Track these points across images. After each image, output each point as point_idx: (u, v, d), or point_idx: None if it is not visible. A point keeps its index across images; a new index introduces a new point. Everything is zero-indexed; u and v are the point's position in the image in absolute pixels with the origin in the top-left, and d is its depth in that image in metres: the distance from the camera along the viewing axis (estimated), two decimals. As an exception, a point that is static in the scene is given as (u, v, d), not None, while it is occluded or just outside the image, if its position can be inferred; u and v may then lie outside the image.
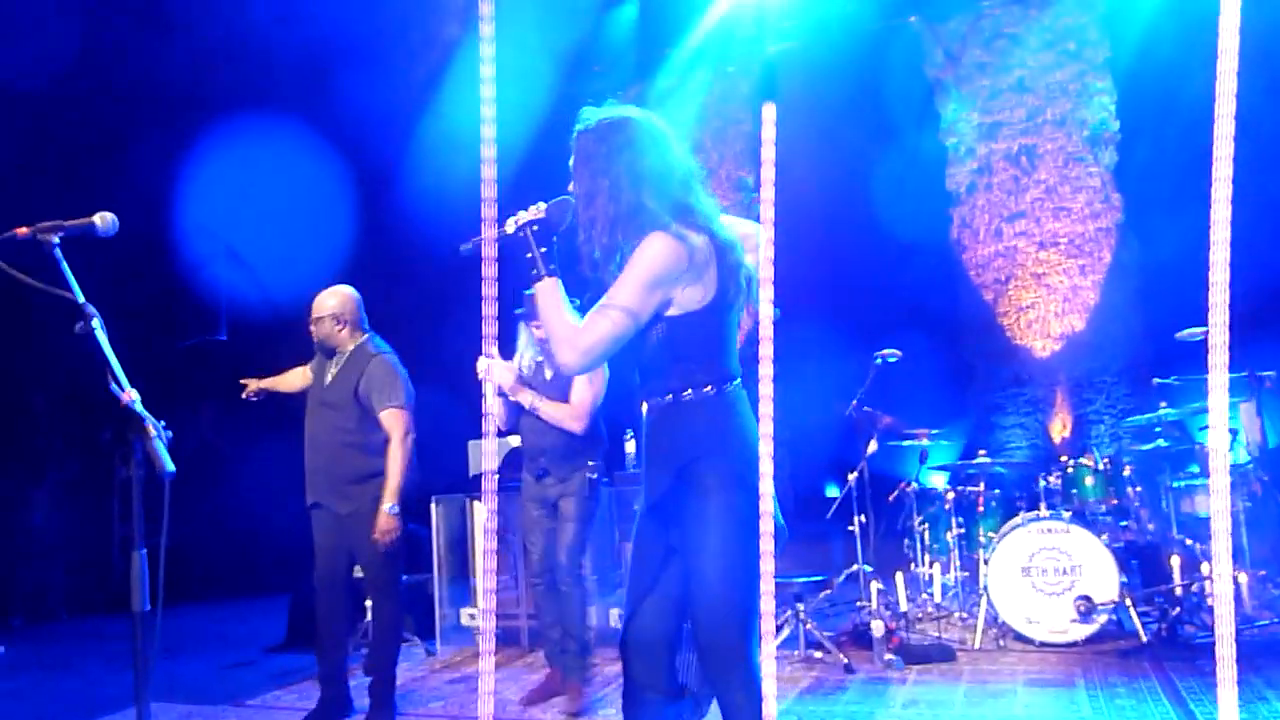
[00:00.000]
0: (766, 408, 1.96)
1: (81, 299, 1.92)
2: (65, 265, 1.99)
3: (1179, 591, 4.49)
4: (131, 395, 1.76)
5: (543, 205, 2.06)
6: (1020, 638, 4.57)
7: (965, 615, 5.08)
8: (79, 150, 6.93)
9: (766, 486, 1.91)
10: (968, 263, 7.79)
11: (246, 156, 6.67)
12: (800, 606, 4.62)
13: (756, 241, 2.29)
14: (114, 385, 1.77)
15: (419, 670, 4.90)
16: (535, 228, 2.05)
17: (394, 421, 3.78)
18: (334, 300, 3.89)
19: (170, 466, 1.74)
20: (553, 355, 2.13)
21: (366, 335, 3.94)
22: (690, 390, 2.09)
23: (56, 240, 2.01)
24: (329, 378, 3.90)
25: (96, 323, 1.92)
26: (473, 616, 5.43)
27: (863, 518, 5.03)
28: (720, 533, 2.00)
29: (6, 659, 5.75)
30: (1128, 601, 4.45)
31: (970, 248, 7.78)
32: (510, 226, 2.06)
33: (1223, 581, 1.79)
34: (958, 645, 4.61)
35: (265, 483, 7.57)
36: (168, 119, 6.90)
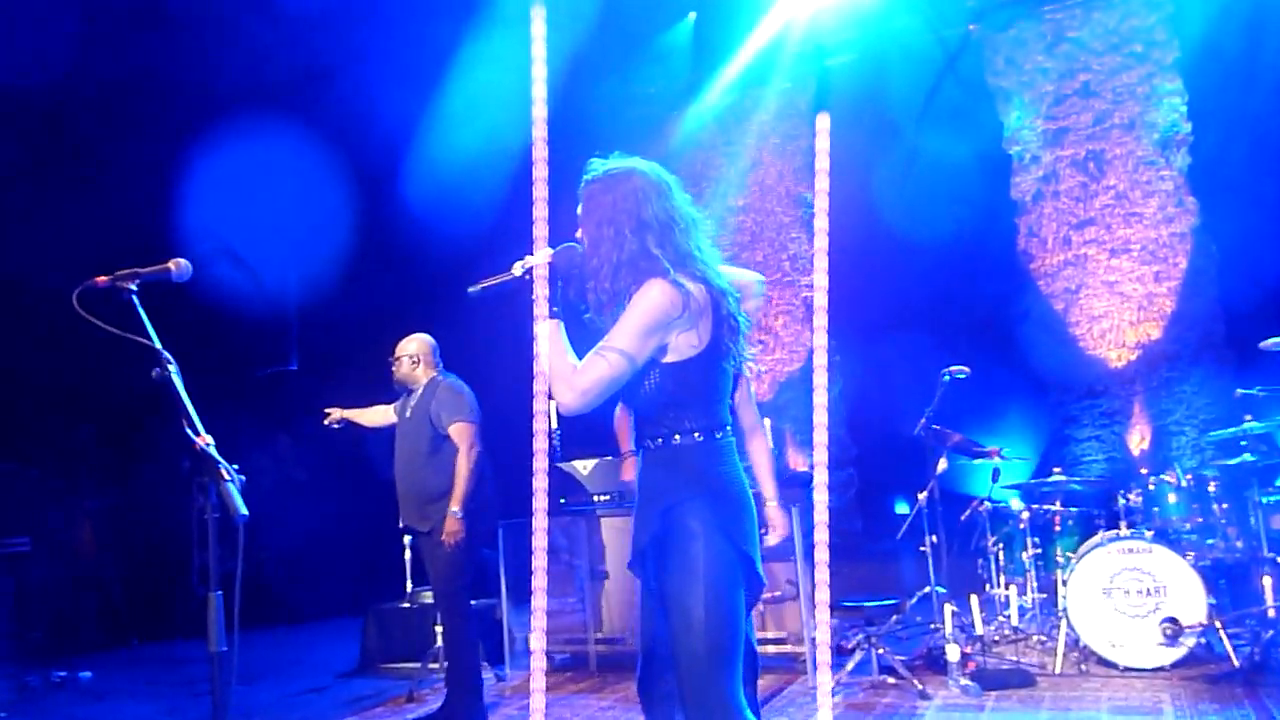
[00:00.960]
0: (821, 436, 1.97)
1: (158, 345, 1.98)
2: (142, 311, 2.05)
3: (1272, 613, 4.30)
4: (206, 440, 1.80)
5: (549, 250, 2.12)
6: (1103, 662, 4.42)
7: (1044, 639, 4.92)
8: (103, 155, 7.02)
9: (821, 513, 1.95)
10: (1036, 273, 7.61)
11: (266, 159, 6.78)
12: (872, 630, 4.53)
13: (755, 291, 2.44)
14: (189, 430, 1.81)
15: (490, 695, 4.92)
16: (542, 272, 2.10)
17: (461, 434, 4.21)
18: (414, 345, 4.43)
19: (243, 510, 1.77)
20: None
21: (438, 372, 4.44)
22: (679, 436, 2.16)
23: (134, 288, 2.08)
24: (408, 411, 4.40)
25: (173, 369, 1.97)
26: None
27: (934, 538, 4.92)
28: (703, 577, 2.05)
29: (90, 683, 5.93)
30: (1217, 624, 4.27)
31: (1039, 257, 7.60)
32: (517, 270, 2.15)
33: None
34: (1037, 670, 4.47)
35: (336, 509, 7.74)
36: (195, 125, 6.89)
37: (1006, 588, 5.23)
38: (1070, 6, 7.57)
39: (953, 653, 4.35)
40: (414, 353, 4.42)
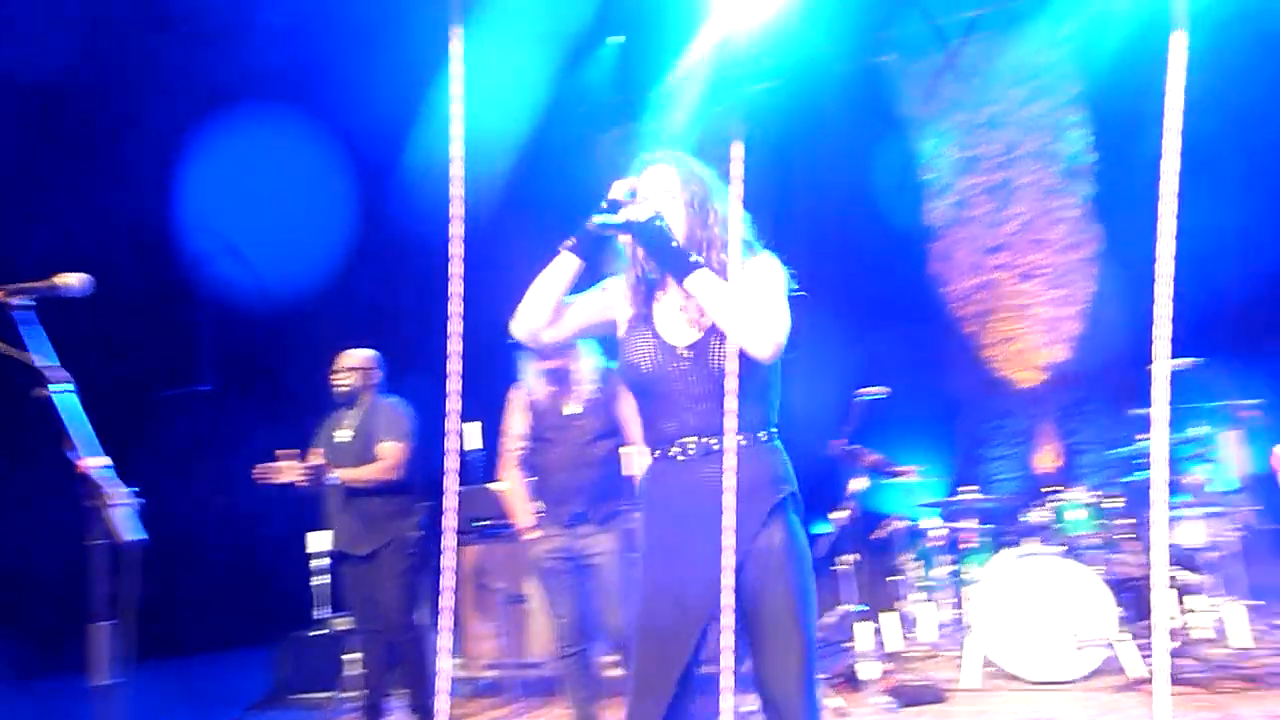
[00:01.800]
0: (731, 460, 1.98)
1: (45, 363, 1.88)
2: (32, 328, 1.95)
3: (1175, 625, 4.45)
4: (90, 463, 1.72)
5: (645, 202, 2.06)
6: (1014, 676, 4.51)
7: (958, 654, 5.01)
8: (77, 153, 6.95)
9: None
10: (949, 296, 7.81)
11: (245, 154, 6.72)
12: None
13: None
14: (72, 452, 1.72)
15: (404, 724, 4.80)
16: (660, 222, 2.03)
17: (388, 452, 4.18)
18: (358, 358, 4.32)
19: (131, 535, 1.69)
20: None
21: (379, 391, 4.37)
22: (768, 432, 2.10)
23: (28, 303, 1.98)
24: (348, 431, 4.25)
25: (65, 388, 1.88)
26: (462, 667, 5.34)
27: (853, 557, 4.99)
28: (807, 575, 2.02)
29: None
30: (1123, 636, 4.40)
31: (951, 281, 7.80)
32: (643, 213, 2.03)
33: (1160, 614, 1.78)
34: (950, 685, 4.54)
35: (247, 533, 7.48)
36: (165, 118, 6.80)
37: (922, 604, 5.31)
38: (982, 40, 7.83)
39: (868, 670, 4.40)
40: (359, 366, 4.32)
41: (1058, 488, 5.31)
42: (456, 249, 2.01)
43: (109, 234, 6.40)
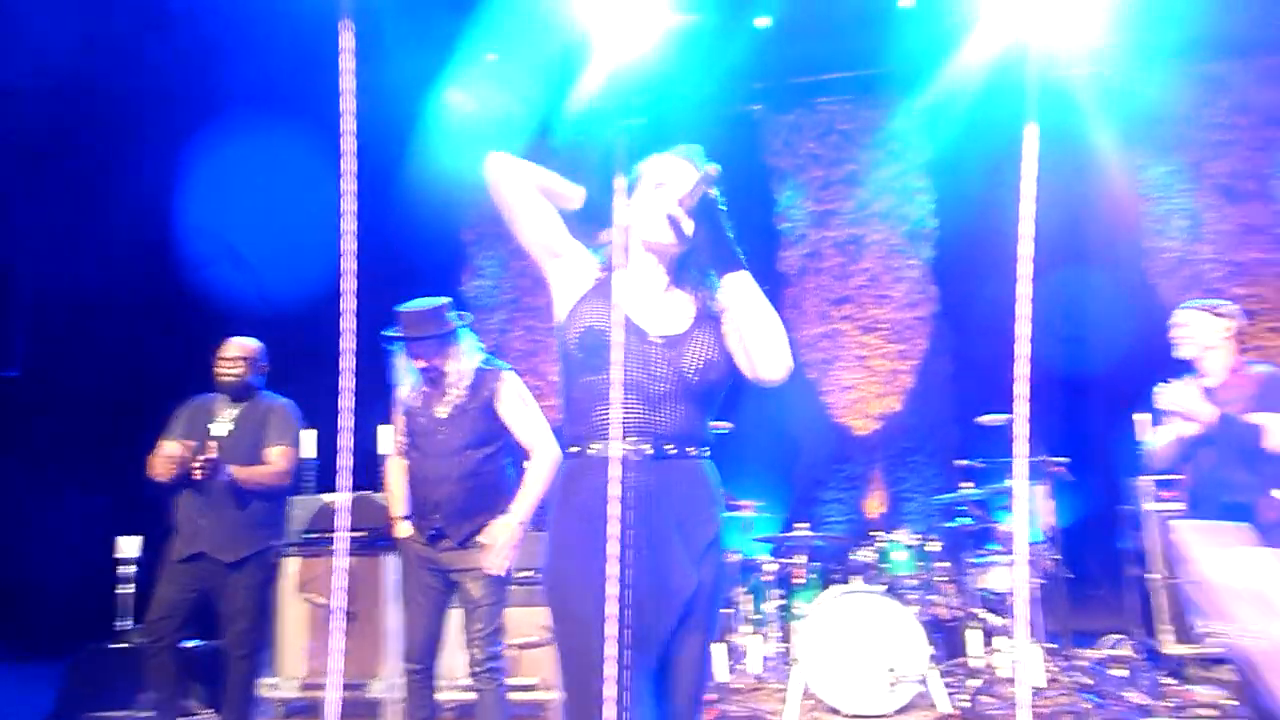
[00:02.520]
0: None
1: None
2: None
3: (979, 664, 4.71)
4: None
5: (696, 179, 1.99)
6: (831, 709, 4.66)
7: (781, 687, 5.13)
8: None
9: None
10: (797, 342, 8.10)
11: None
12: (620, 677, 4.54)
13: None
14: None
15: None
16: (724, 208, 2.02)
17: (283, 458, 4.01)
18: (247, 347, 4.09)
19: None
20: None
21: (261, 386, 4.16)
22: (708, 450, 2.02)
23: None
24: (230, 426, 3.99)
25: None
26: (274, 686, 5.06)
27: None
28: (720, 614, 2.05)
29: None
30: (934, 673, 4.62)
31: (799, 328, 8.09)
32: (708, 192, 1.98)
33: (1021, 654, 1.90)
34: (774, 717, 4.64)
35: (40, 536, 6.88)
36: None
37: (750, 637, 5.42)
38: (842, 101, 8.23)
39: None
40: (247, 356, 4.06)
41: (883, 530, 5.56)
42: (349, 244, 1.87)
43: None
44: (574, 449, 1.98)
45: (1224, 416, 3.43)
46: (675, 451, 1.93)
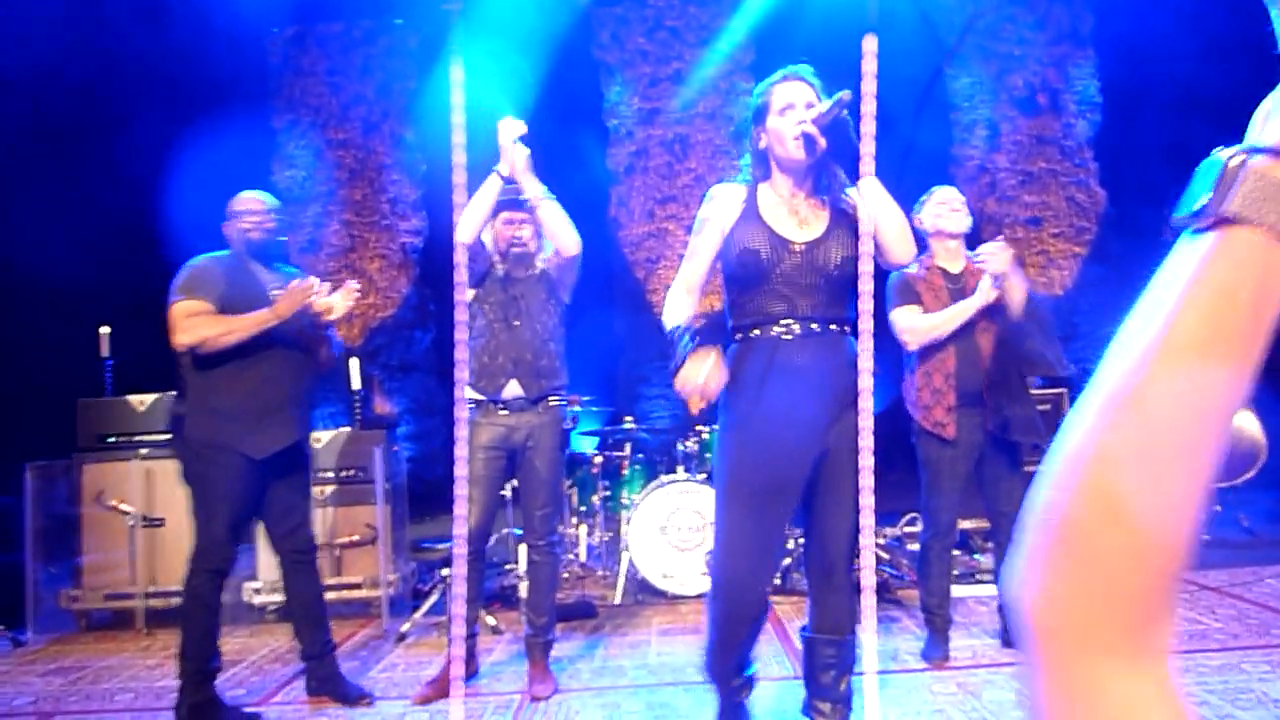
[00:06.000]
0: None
1: None
2: None
3: (790, 544, 5.03)
4: None
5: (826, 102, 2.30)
6: (657, 592, 4.88)
7: (607, 574, 5.33)
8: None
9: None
10: (623, 240, 8.15)
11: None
12: (445, 572, 4.58)
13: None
14: None
15: (2, 663, 4.24)
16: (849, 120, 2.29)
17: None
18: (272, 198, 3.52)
19: None
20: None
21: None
22: (848, 326, 2.42)
23: None
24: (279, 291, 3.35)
25: None
26: (74, 599, 4.78)
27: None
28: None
29: None
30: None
31: (626, 226, 8.14)
32: (840, 113, 2.27)
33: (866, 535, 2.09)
34: (600, 602, 4.82)
35: None
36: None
37: (577, 528, 5.56)
38: (672, -2, 8.16)
39: (524, 590, 4.53)
40: (278, 210, 3.54)
41: (705, 424, 5.78)
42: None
43: None
44: (739, 335, 2.43)
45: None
46: (820, 330, 2.36)
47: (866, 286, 2.22)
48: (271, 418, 3.32)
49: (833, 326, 2.38)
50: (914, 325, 3.50)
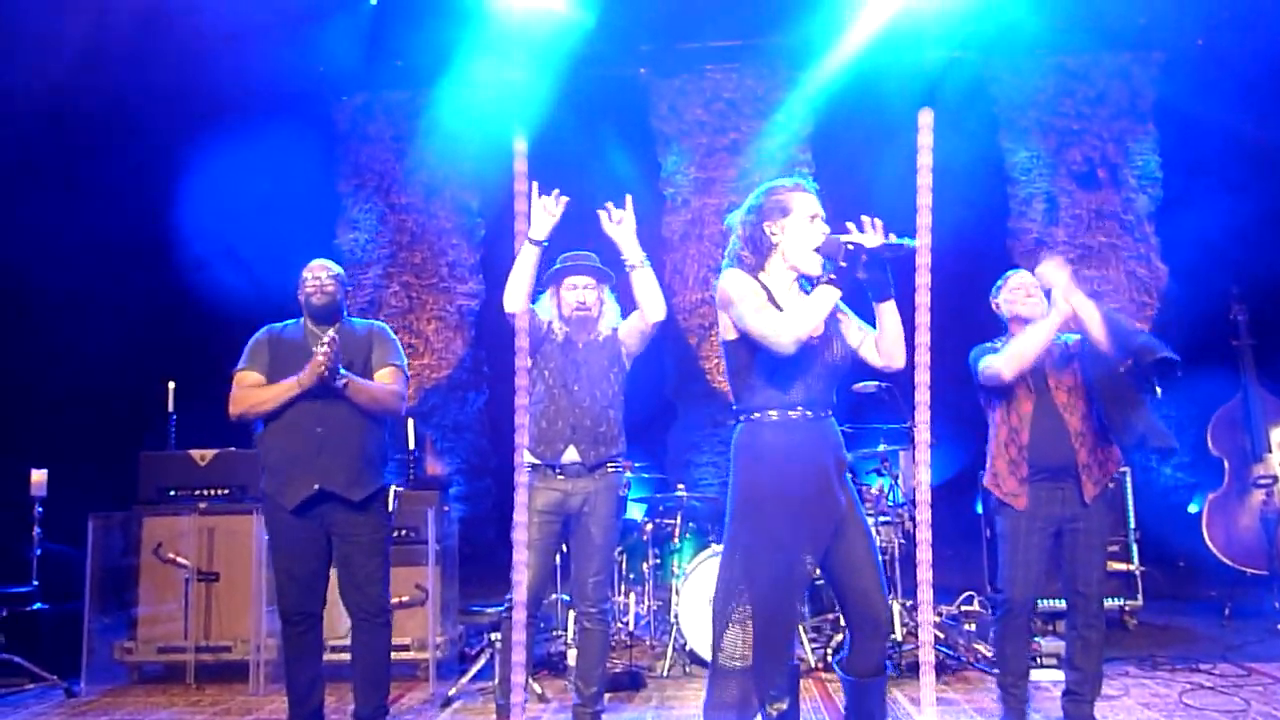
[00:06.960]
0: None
1: None
2: None
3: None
4: None
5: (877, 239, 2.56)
6: (705, 663, 4.78)
7: (655, 643, 5.24)
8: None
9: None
10: (676, 307, 8.18)
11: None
12: (494, 636, 4.55)
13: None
14: None
15: (55, 714, 4.28)
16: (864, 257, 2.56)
17: (394, 377, 3.72)
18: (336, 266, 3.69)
19: None
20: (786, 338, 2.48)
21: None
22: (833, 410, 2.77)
23: None
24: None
25: None
26: (128, 650, 4.83)
27: (563, 547, 5.06)
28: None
29: None
30: (800, 628, 4.80)
31: (680, 293, 8.18)
32: (870, 241, 2.54)
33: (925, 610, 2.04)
34: (647, 672, 4.74)
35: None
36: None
37: (626, 596, 5.50)
38: (727, 70, 8.29)
39: (571, 657, 4.48)
40: (338, 275, 3.63)
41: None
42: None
43: None
44: (755, 415, 2.63)
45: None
46: (826, 415, 2.66)
47: (924, 338, 2.56)
48: (298, 466, 3.40)
49: (830, 412, 2.69)
50: (998, 356, 3.45)
